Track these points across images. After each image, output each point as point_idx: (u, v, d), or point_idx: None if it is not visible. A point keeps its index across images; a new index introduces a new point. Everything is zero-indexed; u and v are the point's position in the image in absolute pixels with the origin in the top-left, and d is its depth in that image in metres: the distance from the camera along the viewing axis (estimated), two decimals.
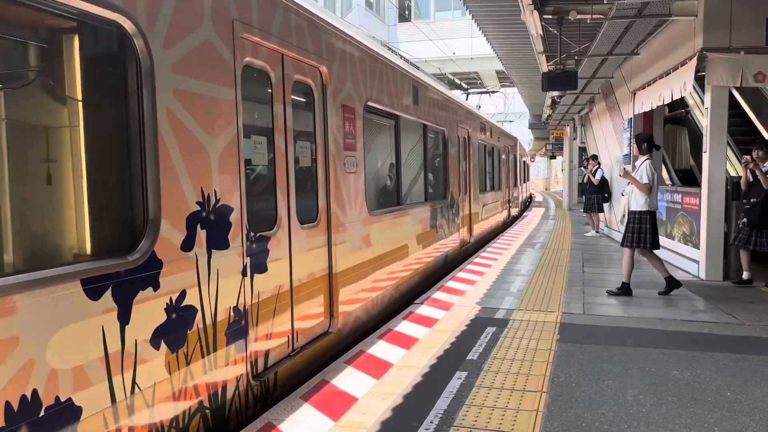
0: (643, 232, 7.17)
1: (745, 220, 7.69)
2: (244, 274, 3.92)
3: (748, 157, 7.76)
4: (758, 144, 7.81)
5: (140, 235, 3.12)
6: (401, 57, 10.14)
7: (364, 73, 6.21)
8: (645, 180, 7.06)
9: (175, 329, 3.29)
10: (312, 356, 4.92)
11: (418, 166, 8.95)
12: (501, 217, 17.57)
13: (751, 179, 7.63)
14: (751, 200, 7.63)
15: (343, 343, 5.55)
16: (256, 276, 4.08)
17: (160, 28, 3.19)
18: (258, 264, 4.13)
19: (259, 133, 4.31)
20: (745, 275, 7.96)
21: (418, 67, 9.77)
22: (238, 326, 3.85)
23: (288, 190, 4.57)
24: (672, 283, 7.32)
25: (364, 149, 6.23)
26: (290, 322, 4.60)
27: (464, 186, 11.67)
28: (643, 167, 7.15)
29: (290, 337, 4.61)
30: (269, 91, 4.42)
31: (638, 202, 7.17)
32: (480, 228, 13.48)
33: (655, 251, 7.30)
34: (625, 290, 7.35)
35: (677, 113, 13.57)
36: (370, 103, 6.38)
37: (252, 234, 4.05)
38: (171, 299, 3.26)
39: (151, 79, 3.13)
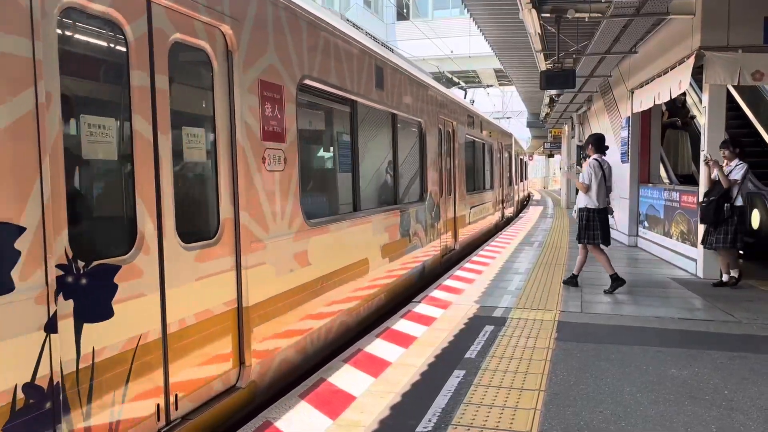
0: (590, 228, 7.56)
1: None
2: (50, 328, 2.58)
3: (708, 155, 7.79)
4: (725, 143, 7.74)
5: None
6: (401, 56, 9.51)
7: (299, 42, 4.82)
8: (583, 179, 7.57)
9: None
10: (207, 424, 3.68)
11: (384, 164, 7.74)
12: (494, 218, 16.24)
13: (716, 178, 7.61)
14: (711, 198, 7.55)
15: (262, 398, 4.28)
16: (86, 327, 2.81)
17: None
18: (91, 308, 2.84)
19: (98, 112, 3.12)
20: (725, 277, 7.73)
21: (427, 71, 9.66)
22: (36, 413, 2.53)
23: (159, 196, 3.32)
24: (617, 282, 7.50)
25: (301, 141, 4.96)
26: (163, 383, 3.34)
27: (448, 186, 10.39)
28: (585, 167, 7.71)
29: (162, 404, 3.34)
30: (122, 52, 3.15)
31: (580, 199, 7.72)
32: (468, 232, 12.25)
33: (604, 247, 7.65)
34: (614, 280, 7.53)
35: (674, 120, 13.53)
36: (308, 82, 5.02)
37: (76, 263, 2.76)
38: None
39: None
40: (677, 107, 11.63)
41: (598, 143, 7.77)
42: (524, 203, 30.37)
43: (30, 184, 2.53)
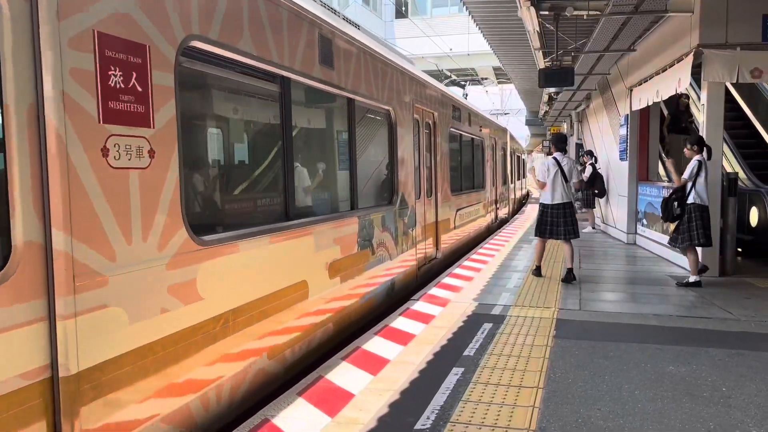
0: (542, 223, 8.16)
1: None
2: None
3: (663, 156, 8.23)
4: (685, 141, 8.09)
5: None
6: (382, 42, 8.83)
7: None
8: (538, 176, 8.15)
9: None
10: None
11: (336, 160, 6.35)
12: (485, 221, 14.78)
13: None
14: (667, 196, 7.85)
15: None
16: None
17: None
18: None
19: None
20: (691, 278, 7.65)
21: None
22: None
23: None
24: (538, 272, 8.37)
25: (192, 128, 3.93)
26: None
27: (428, 186, 9.10)
28: (539, 164, 8.65)
29: None
30: None
31: (541, 195, 8.33)
32: (453, 238, 10.83)
33: (542, 238, 8.32)
34: (535, 272, 8.39)
35: (681, 125, 13.36)
36: (201, 45, 3.69)
37: None
38: None
39: None
40: (680, 111, 11.62)
41: (558, 143, 8.35)
42: (522, 202, 29.70)
43: None
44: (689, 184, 7.47)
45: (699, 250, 7.76)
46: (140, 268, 3.16)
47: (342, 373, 4.44)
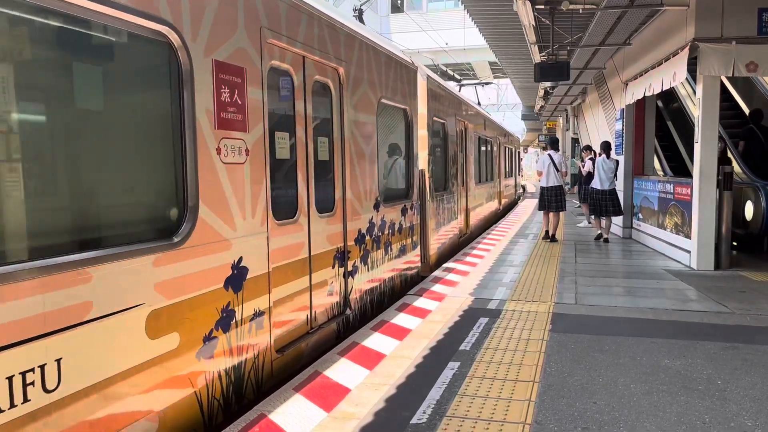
0: (542, 200, 11.57)
1: None
2: None
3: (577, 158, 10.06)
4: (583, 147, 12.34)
5: None
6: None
7: None
8: (538, 168, 11.79)
9: None
10: None
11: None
12: (456, 235, 11.27)
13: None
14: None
15: None
16: None
17: None
18: None
19: None
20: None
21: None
22: None
23: None
24: (550, 238, 11.54)
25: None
26: None
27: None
28: (540, 159, 11.74)
29: None
30: None
31: (540, 180, 11.72)
32: (372, 281, 6.43)
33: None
34: (548, 237, 11.63)
35: None
36: None
37: None
38: None
39: None
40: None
41: (552, 143, 11.96)
42: (516, 200, 26.45)
43: None
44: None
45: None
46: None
47: (338, 368, 4.43)
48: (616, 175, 11.43)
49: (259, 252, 4.19)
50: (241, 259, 3.96)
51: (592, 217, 12.26)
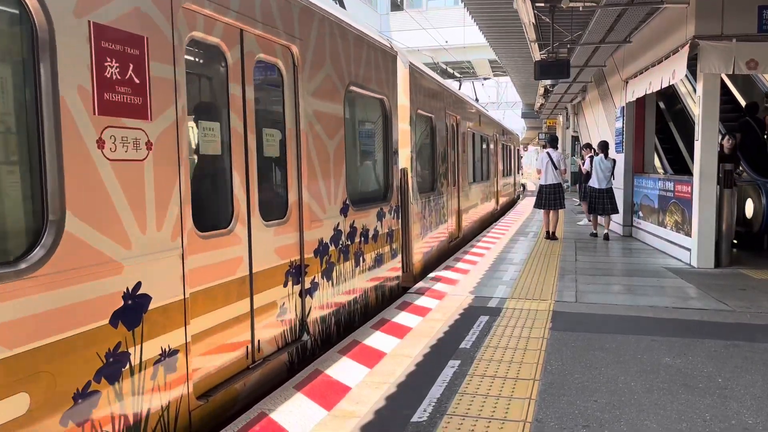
0: (540, 198, 11.58)
1: None
2: None
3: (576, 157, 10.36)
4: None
5: None
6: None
7: None
8: (536, 166, 11.96)
9: None
10: None
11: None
12: (444, 235, 10.15)
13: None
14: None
15: None
16: None
17: None
18: None
19: None
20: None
21: None
22: None
23: None
24: (548, 236, 11.54)
25: None
26: None
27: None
28: (539, 157, 11.87)
29: None
30: None
31: (539, 179, 11.80)
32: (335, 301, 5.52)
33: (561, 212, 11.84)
34: (549, 236, 11.52)
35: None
36: None
37: None
38: None
39: None
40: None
41: (551, 142, 12.17)
42: (516, 199, 25.88)
43: None
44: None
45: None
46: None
47: (339, 367, 4.43)
48: (613, 175, 11.51)
49: (168, 274, 3.26)
50: (138, 285, 3.03)
51: (590, 215, 12.35)
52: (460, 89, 16.39)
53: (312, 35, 4.88)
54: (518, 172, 30.33)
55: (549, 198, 11.23)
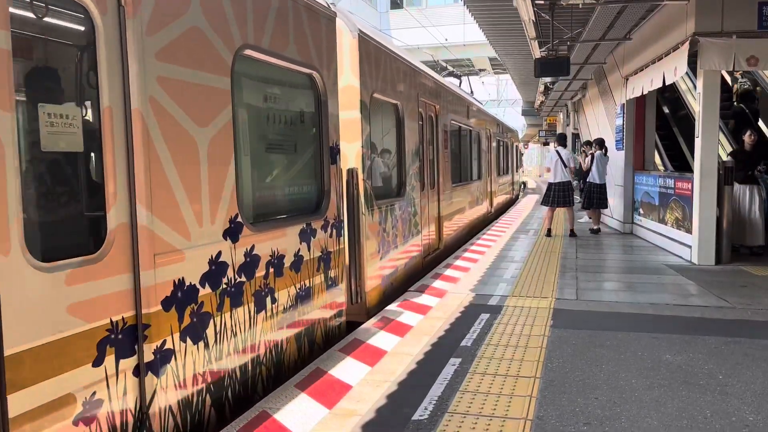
0: (548, 196, 11.70)
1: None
2: None
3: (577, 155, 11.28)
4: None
5: None
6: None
7: None
8: (546, 164, 13.04)
9: None
10: None
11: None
12: (417, 249, 8.46)
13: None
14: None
15: None
16: None
17: None
18: None
19: None
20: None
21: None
22: None
23: None
24: (549, 234, 11.64)
25: None
26: None
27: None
28: (548, 155, 12.09)
29: None
30: None
31: (549, 176, 11.90)
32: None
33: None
34: (571, 235, 11.59)
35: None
36: None
37: None
38: None
39: None
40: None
41: (560, 140, 12.11)
42: (515, 199, 24.54)
43: None
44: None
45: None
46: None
47: (339, 365, 4.44)
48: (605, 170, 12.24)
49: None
50: None
51: (588, 211, 12.59)
52: (460, 86, 16.05)
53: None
54: (518, 171, 30.21)
55: (559, 195, 11.44)
